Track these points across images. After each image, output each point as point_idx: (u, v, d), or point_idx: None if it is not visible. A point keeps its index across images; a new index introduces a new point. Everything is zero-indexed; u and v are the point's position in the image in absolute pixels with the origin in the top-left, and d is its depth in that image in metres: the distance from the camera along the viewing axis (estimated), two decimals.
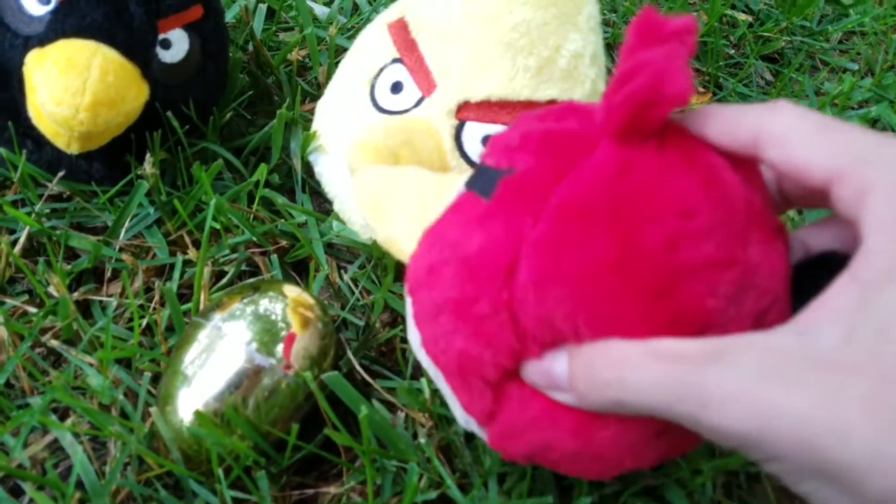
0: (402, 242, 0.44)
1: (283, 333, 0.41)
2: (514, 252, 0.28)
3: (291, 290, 0.43)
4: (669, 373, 0.24)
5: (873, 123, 0.74)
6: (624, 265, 0.26)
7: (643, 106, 0.25)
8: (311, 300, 0.43)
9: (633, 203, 0.26)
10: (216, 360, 0.40)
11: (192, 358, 0.40)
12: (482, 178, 0.31)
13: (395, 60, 0.50)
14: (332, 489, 0.42)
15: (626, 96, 0.26)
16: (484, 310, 0.29)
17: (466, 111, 0.47)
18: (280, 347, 0.40)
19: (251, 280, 0.49)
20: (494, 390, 0.30)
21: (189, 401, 0.39)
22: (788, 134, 0.26)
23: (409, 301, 0.34)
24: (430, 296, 0.32)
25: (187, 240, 0.51)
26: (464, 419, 0.33)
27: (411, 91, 0.49)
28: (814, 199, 0.28)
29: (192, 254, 0.49)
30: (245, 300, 0.42)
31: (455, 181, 0.44)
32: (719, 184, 0.27)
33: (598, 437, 0.28)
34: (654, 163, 0.27)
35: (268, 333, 0.40)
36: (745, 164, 0.28)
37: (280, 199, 0.52)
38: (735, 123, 0.27)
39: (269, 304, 0.42)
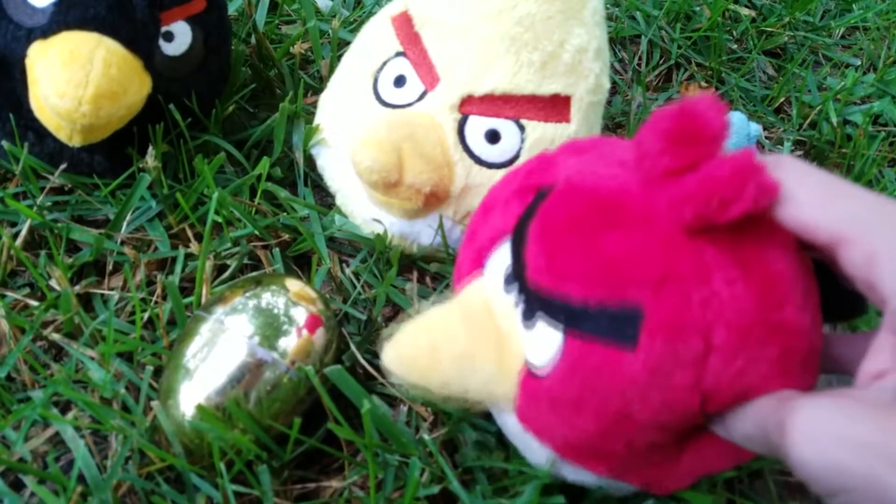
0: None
1: (286, 328, 0.41)
2: (704, 393, 0.28)
3: (293, 284, 0.43)
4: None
5: (875, 119, 0.74)
6: (785, 356, 0.28)
7: (758, 206, 0.27)
8: (313, 294, 0.43)
9: (768, 296, 0.28)
10: (218, 354, 0.40)
11: (193, 352, 0.40)
12: (608, 327, 0.29)
13: (399, 54, 0.50)
14: (334, 483, 0.42)
15: (739, 210, 0.26)
16: None
17: (470, 105, 0.46)
18: (282, 341, 0.40)
19: (253, 274, 0.49)
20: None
21: (191, 395, 0.39)
22: (793, 193, 0.27)
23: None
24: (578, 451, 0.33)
25: (189, 233, 0.50)
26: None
27: (414, 85, 0.49)
28: (821, 252, 0.29)
29: (193, 247, 0.49)
30: (247, 294, 0.42)
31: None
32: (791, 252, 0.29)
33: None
34: (754, 247, 0.28)
35: (270, 327, 0.40)
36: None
37: (282, 193, 0.52)
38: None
39: (271, 298, 0.41)
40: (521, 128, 0.46)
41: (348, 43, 0.57)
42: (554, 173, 0.34)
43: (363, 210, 0.51)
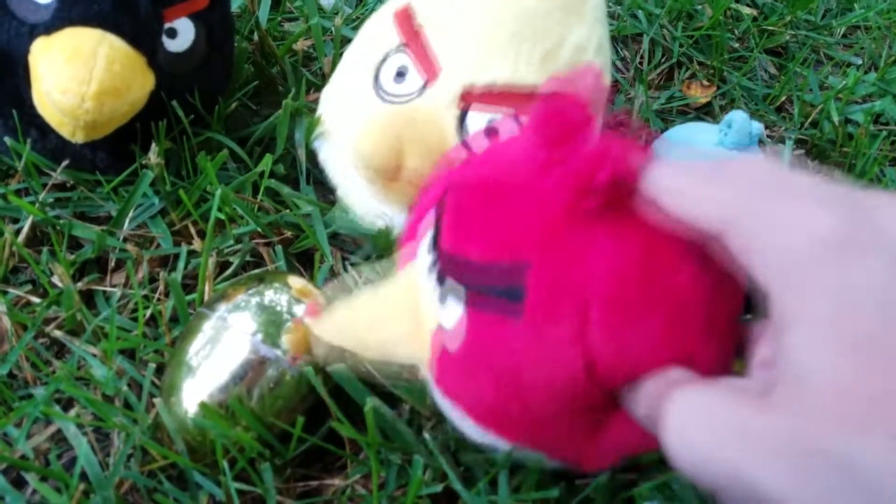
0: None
1: (289, 325, 0.40)
2: (586, 355, 0.29)
3: (296, 282, 0.43)
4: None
5: (877, 118, 0.74)
6: (674, 322, 0.28)
7: (619, 184, 0.28)
8: (316, 291, 0.43)
9: (651, 264, 0.28)
10: (221, 352, 0.40)
11: (196, 349, 0.40)
12: (498, 293, 0.31)
13: (400, 47, 0.50)
14: (337, 481, 0.42)
15: (603, 181, 0.28)
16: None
17: (469, 99, 0.46)
18: (285, 339, 0.40)
19: (256, 271, 0.49)
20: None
21: (194, 392, 0.39)
22: (676, 186, 0.27)
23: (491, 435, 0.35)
24: (491, 417, 0.33)
25: (192, 230, 0.50)
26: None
27: (415, 78, 0.49)
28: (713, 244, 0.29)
29: (196, 244, 0.49)
30: (250, 291, 0.42)
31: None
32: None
33: None
34: (639, 223, 0.29)
35: (273, 325, 0.40)
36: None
37: (285, 190, 0.52)
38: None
39: (274, 295, 0.41)
40: (521, 123, 0.46)
41: (350, 40, 0.57)
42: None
43: (363, 204, 0.51)
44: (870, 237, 0.24)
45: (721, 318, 0.29)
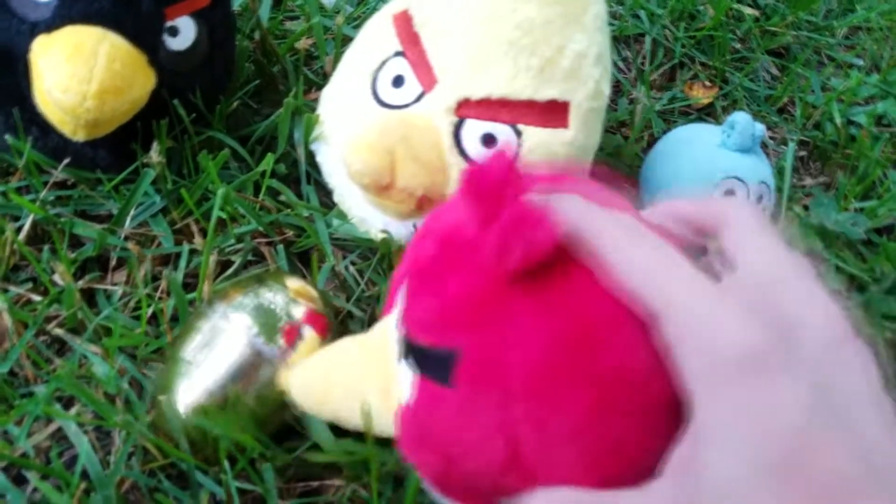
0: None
1: (285, 325, 0.40)
2: (511, 439, 0.28)
3: (294, 283, 0.43)
4: None
5: (879, 120, 0.74)
6: (602, 408, 0.27)
7: (530, 263, 0.27)
8: (314, 292, 0.43)
9: (577, 344, 0.27)
10: (218, 350, 0.40)
11: (193, 348, 0.40)
12: (432, 366, 0.30)
13: (398, 54, 0.49)
14: (337, 481, 0.42)
15: (516, 261, 0.27)
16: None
17: (466, 108, 0.46)
18: (281, 338, 0.40)
19: (255, 271, 0.49)
20: None
21: (191, 389, 0.39)
22: (624, 260, 0.27)
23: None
24: (442, 484, 0.32)
25: (193, 228, 0.50)
26: None
27: (412, 86, 0.48)
28: None
29: (197, 243, 0.49)
30: (248, 291, 0.42)
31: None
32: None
33: None
34: (568, 294, 0.28)
35: (269, 325, 0.40)
36: None
37: (287, 192, 0.52)
38: (581, 238, 0.28)
39: (271, 296, 0.41)
40: (518, 133, 0.46)
41: (352, 39, 0.57)
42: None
43: (358, 209, 0.51)
44: (792, 358, 0.24)
45: (657, 398, 0.27)
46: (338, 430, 0.40)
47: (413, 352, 0.31)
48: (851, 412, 0.23)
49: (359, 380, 0.35)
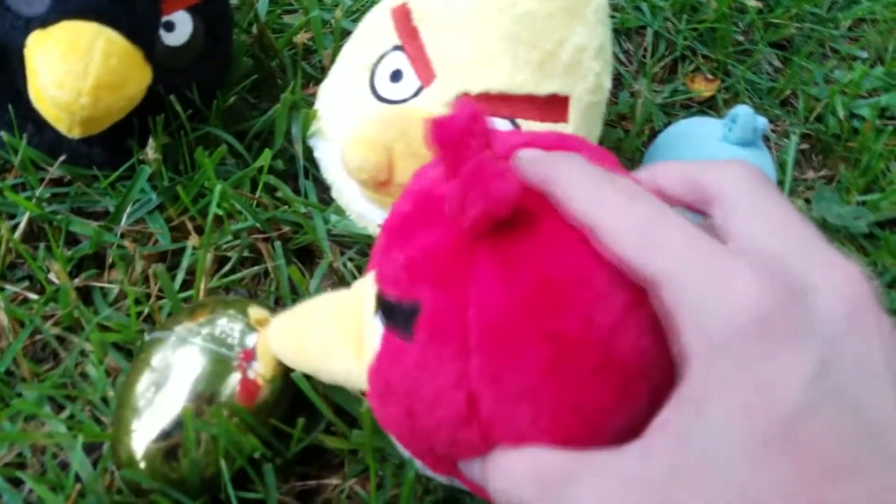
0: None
1: (239, 353, 0.40)
2: (469, 392, 0.27)
3: (256, 312, 0.42)
4: (534, 490, 0.25)
5: (883, 112, 0.73)
6: (560, 365, 0.26)
7: (489, 217, 0.26)
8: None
9: (537, 300, 0.26)
10: (164, 396, 0.38)
11: (142, 390, 0.38)
12: (395, 317, 0.30)
13: (396, 48, 0.49)
14: (335, 480, 0.42)
15: (472, 217, 0.26)
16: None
17: None
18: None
19: (218, 297, 0.46)
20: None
21: (145, 432, 0.38)
22: (611, 229, 0.25)
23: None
24: (408, 440, 0.32)
25: (189, 226, 0.50)
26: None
27: (411, 80, 0.48)
28: None
29: (194, 240, 0.49)
30: (201, 321, 0.41)
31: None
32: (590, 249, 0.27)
33: None
34: (528, 253, 0.27)
35: (218, 363, 0.39)
36: None
37: (284, 188, 0.51)
38: (570, 201, 0.26)
39: (227, 325, 0.40)
40: (517, 127, 0.46)
41: (350, 33, 0.56)
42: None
43: (356, 205, 0.50)
44: (802, 327, 0.22)
45: (626, 361, 0.26)
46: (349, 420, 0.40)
47: (382, 306, 0.31)
48: (861, 388, 0.22)
49: (334, 336, 0.35)
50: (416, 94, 0.47)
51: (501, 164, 0.26)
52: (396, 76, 0.48)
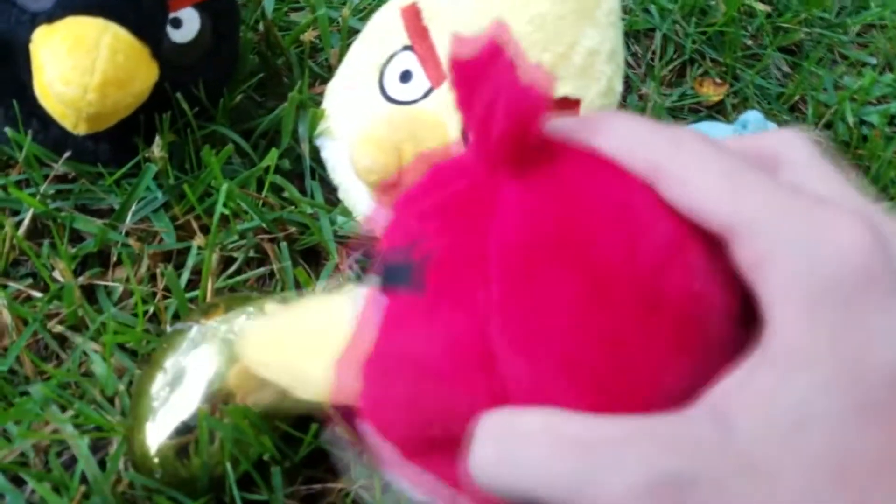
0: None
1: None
2: (484, 333, 0.23)
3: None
4: (561, 458, 0.20)
5: (892, 119, 0.73)
6: (597, 301, 0.22)
7: (516, 132, 0.23)
8: None
9: (570, 229, 0.23)
10: (183, 388, 0.38)
11: (158, 388, 0.39)
12: (402, 275, 0.26)
13: (406, 48, 0.48)
14: (341, 484, 0.41)
15: (498, 132, 0.23)
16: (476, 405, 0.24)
17: None
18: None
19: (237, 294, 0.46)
20: None
21: (159, 429, 0.38)
22: (689, 176, 0.23)
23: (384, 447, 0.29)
24: (411, 432, 0.27)
25: (195, 225, 0.49)
26: None
27: (420, 81, 0.47)
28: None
29: (199, 239, 0.48)
30: (218, 319, 0.40)
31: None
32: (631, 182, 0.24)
33: None
34: (560, 182, 0.24)
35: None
36: None
37: (290, 188, 0.51)
38: (632, 150, 0.24)
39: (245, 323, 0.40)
40: None
41: (358, 31, 0.56)
42: None
43: (364, 206, 0.50)
44: (893, 274, 0.20)
45: (676, 302, 0.22)
46: None
47: (385, 272, 0.27)
48: None
49: (316, 339, 0.31)
50: (426, 95, 0.47)
51: (527, 81, 0.22)
52: (406, 77, 0.48)
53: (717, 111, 0.70)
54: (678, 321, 0.22)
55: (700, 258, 0.23)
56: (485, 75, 0.23)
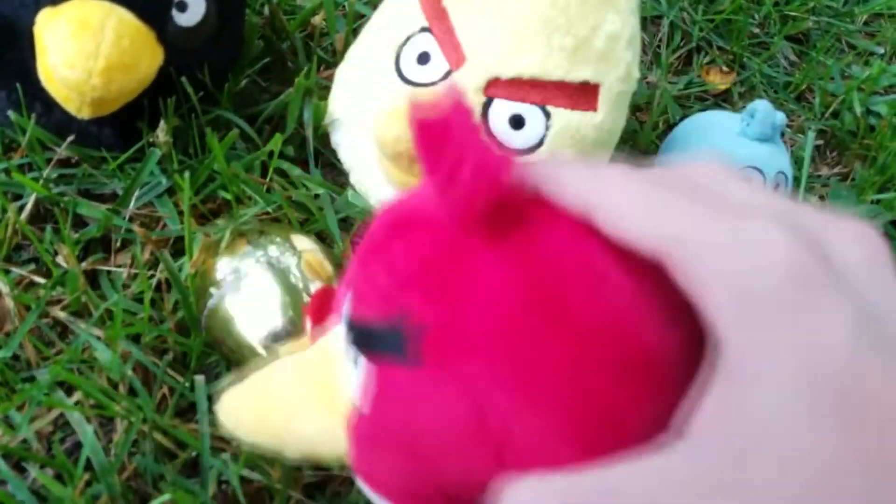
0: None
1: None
2: (479, 406, 0.24)
3: (309, 252, 0.43)
4: None
5: None
6: (579, 358, 0.24)
7: (484, 190, 0.23)
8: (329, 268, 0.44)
9: (543, 291, 0.24)
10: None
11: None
12: (392, 345, 0.26)
13: (424, 29, 0.48)
14: (344, 473, 0.41)
15: (466, 191, 0.23)
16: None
17: (495, 88, 0.45)
18: None
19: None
20: None
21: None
22: (618, 211, 0.23)
23: None
24: (406, 491, 0.28)
25: (199, 209, 0.49)
26: None
27: (439, 63, 0.47)
28: None
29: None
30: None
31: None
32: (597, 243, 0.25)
33: None
34: (533, 242, 0.25)
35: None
36: None
37: (295, 171, 0.50)
38: (576, 197, 0.24)
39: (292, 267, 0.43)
40: (547, 114, 0.45)
41: (364, 16, 0.55)
42: None
43: (379, 189, 0.50)
44: (831, 275, 0.21)
45: (648, 346, 0.24)
46: None
47: (362, 336, 0.27)
48: (892, 334, 0.20)
49: (300, 396, 0.31)
50: (445, 77, 0.46)
51: (491, 147, 0.23)
52: (424, 58, 0.47)
53: (724, 100, 0.70)
54: (647, 364, 0.23)
55: (662, 299, 0.24)
56: (449, 136, 0.23)
